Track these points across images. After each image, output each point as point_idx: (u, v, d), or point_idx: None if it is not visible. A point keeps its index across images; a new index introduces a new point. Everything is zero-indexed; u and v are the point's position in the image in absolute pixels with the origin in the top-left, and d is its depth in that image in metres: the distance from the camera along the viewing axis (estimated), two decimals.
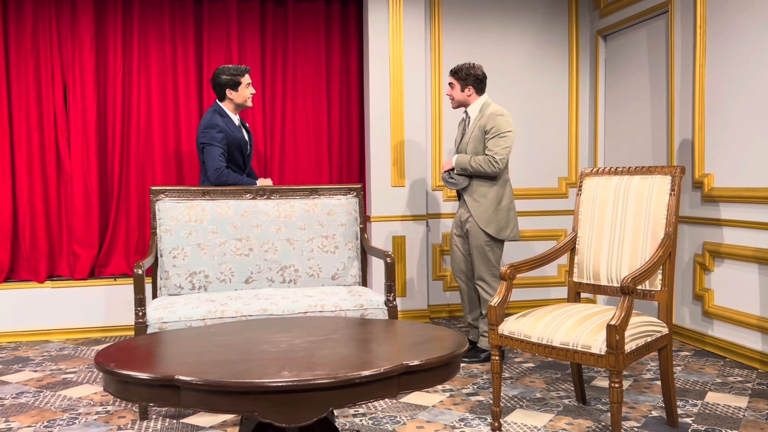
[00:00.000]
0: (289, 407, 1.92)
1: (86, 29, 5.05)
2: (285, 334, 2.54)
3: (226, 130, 4.08)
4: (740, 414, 3.23)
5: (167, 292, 3.70)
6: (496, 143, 4.03)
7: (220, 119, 4.10)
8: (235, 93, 4.14)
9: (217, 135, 4.04)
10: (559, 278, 5.75)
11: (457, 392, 3.62)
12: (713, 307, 4.33)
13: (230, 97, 4.16)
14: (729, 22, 4.18)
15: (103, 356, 2.17)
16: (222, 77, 4.12)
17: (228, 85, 4.13)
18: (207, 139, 4.04)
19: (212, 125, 4.06)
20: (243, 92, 4.16)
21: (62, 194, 5.13)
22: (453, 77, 4.20)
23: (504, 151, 4.03)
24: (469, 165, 4.08)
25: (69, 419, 3.28)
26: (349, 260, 3.98)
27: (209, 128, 4.06)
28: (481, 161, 4.04)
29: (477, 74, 4.17)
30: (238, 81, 4.13)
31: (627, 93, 5.32)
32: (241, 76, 4.14)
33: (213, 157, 4.01)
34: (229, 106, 4.18)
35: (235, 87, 4.13)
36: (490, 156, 4.02)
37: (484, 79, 4.21)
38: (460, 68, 4.17)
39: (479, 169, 4.05)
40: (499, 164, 4.02)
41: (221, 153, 4.04)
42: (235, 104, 4.18)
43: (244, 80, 4.15)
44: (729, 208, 4.18)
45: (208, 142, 4.04)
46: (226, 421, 3.23)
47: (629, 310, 2.66)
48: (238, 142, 4.17)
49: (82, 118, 5.07)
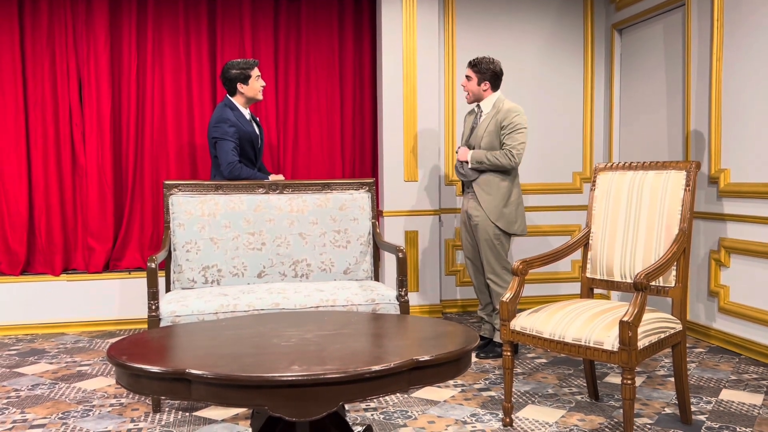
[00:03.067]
0: (300, 401, 1.92)
1: (101, 24, 5.08)
2: (296, 329, 2.54)
3: (237, 124, 4.08)
4: (755, 411, 3.20)
5: (180, 285, 3.72)
6: (513, 138, 4.04)
7: (231, 113, 4.10)
8: (245, 87, 4.14)
9: (228, 129, 4.03)
10: (573, 274, 5.72)
11: (469, 387, 3.61)
12: (728, 303, 4.29)
13: (241, 91, 4.15)
14: (747, 16, 4.12)
15: (116, 349, 2.18)
16: (232, 72, 4.12)
17: (238, 79, 4.12)
18: (219, 133, 4.04)
19: (223, 119, 4.06)
20: (253, 85, 4.15)
21: (77, 188, 5.18)
22: (472, 70, 4.18)
23: (521, 146, 4.05)
24: (485, 159, 4.07)
25: (83, 411, 3.31)
26: (361, 255, 3.98)
27: (221, 122, 4.06)
28: (498, 155, 4.04)
29: (496, 70, 4.16)
30: (248, 74, 4.12)
31: (642, 87, 5.27)
32: (251, 69, 4.13)
33: (226, 151, 4.01)
34: (239, 100, 4.18)
35: (246, 81, 4.13)
36: (507, 150, 4.03)
37: (501, 75, 4.20)
38: (480, 61, 4.16)
39: (496, 163, 4.05)
40: (516, 159, 4.04)
41: (234, 147, 4.03)
42: (246, 98, 4.18)
43: (253, 73, 4.14)
44: (745, 204, 4.13)
45: (220, 137, 4.03)
46: (238, 414, 3.25)
47: (642, 307, 2.64)
48: (250, 136, 4.17)
49: (96, 112, 5.11)
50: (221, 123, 4.05)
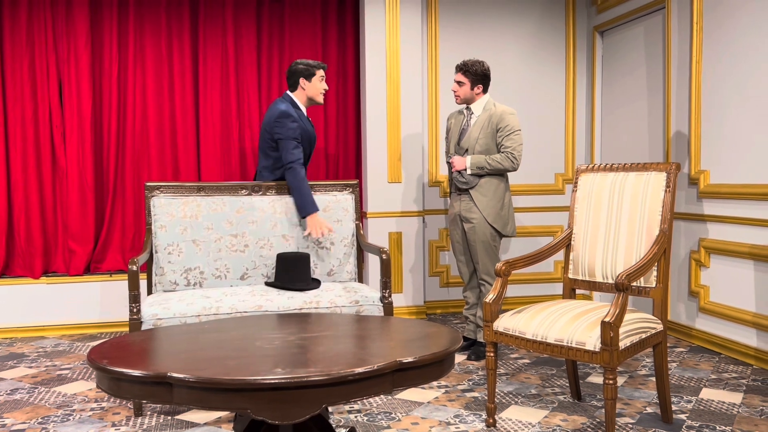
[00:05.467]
0: (282, 404, 1.91)
1: (81, 23, 5.03)
2: (280, 331, 2.53)
3: (299, 121, 4.01)
4: (734, 410, 3.23)
5: (162, 288, 3.69)
6: (512, 140, 4.06)
7: (294, 111, 4.02)
8: (308, 83, 4.08)
9: (292, 125, 3.94)
10: (556, 274, 5.75)
11: (453, 388, 3.62)
12: (708, 303, 4.34)
13: (302, 86, 4.08)
14: (726, 19, 4.17)
15: (96, 353, 2.16)
16: (298, 66, 4.08)
17: (302, 74, 4.07)
18: (283, 129, 3.93)
19: (287, 114, 3.95)
20: (316, 84, 4.10)
21: (57, 190, 5.12)
22: (464, 75, 4.15)
23: (521, 147, 4.09)
24: (486, 164, 4.07)
25: (63, 416, 3.28)
26: (345, 257, 3.98)
27: (285, 118, 3.94)
28: (499, 158, 4.05)
29: (486, 72, 4.16)
30: (312, 72, 4.08)
31: (624, 89, 5.31)
32: (317, 68, 4.10)
33: (289, 149, 3.91)
34: (300, 98, 4.11)
35: (309, 77, 4.07)
36: (508, 152, 4.05)
37: (490, 76, 4.21)
38: (470, 65, 4.13)
39: (498, 167, 4.06)
40: (518, 161, 4.07)
41: (296, 146, 3.94)
42: (307, 97, 4.11)
43: (318, 73, 4.10)
44: (725, 205, 4.18)
45: (284, 133, 3.92)
46: (220, 417, 3.23)
47: (624, 307, 2.66)
48: (309, 136, 4.11)
49: (77, 113, 5.06)
50: (285, 118, 3.94)
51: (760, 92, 3.91)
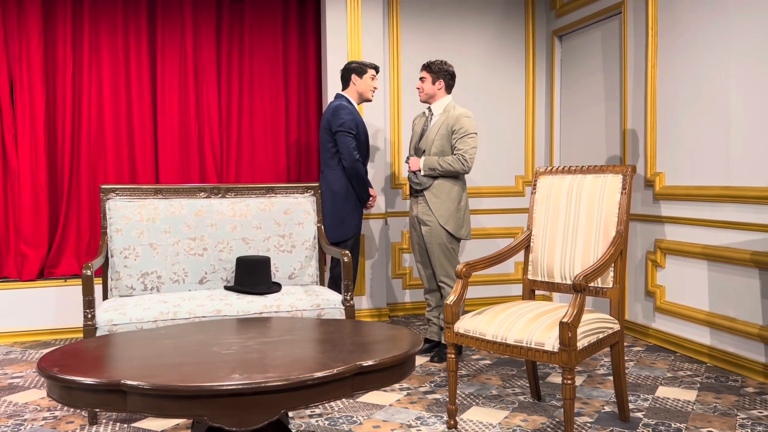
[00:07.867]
0: (240, 410, 1.88)
1: (33, 22, 4.89)
2: (238, 336, 2.50)
3: (353, 114, 4.28)
4: (689, 408, 3.31)
5: (118, 293, 3.61)
6: (465, 143, 4.06)
7: (350, 107, 4.30)
8: (359, 80, 4.36)
9: (350, 123, 4.21)
10: (517, 275, 5.81)
11: (415, 391, 3.62)
12: (664, 303, 4.43)
13: (353, 83, 4.36)
14: (678, 23, 4.27)
15: (47, 361, 2.10)
16: (352, 64, 4.38)
17: (355, 71, 4.36)
18: (345, 127, 4.21)
19: (348, 111, 4.24)
20: (366, 81, 4.37)
21: (9, 193, 4.96)
22: (426, 71, 4.21)
23: (473, 151, 4.08)
24: (438, 165, 4.08)
25: (14, 426, 3.17)
26: (306, 260, 3.95)
27: (344, 114, 4.22)
28: (450, 161, 4.05)
29: (449, 71, 4.19)
30: (364, 70, 4.37)
31: (582, 93, 5.40)
32: (369, 68, 4.39)
33: (349, 147, 4.20)
34: (352, 95, 4.39)
35: (361, 74, 4.35)
36: (459, 155, 4.05)
37: (454, 77, 4.24)
38: (434, 62, 4.20)
39: (449, 169, 4.06)
40: (469, 163, 4.06)
41: (355, 145, 4.24)
42: (357, 93, 4.38)
43: (369, 72, 4.38)
44: (679, 206, 4.28)
45: (345, 131, 4.21)
46: (178, 424, 3.17)
47: (581, 308, 2.69)
48: (366, 134, 4.38)
49: (30, 113, 4.91)
50: (345, 115, 4.22)
51: (713, 95, 4.02)
